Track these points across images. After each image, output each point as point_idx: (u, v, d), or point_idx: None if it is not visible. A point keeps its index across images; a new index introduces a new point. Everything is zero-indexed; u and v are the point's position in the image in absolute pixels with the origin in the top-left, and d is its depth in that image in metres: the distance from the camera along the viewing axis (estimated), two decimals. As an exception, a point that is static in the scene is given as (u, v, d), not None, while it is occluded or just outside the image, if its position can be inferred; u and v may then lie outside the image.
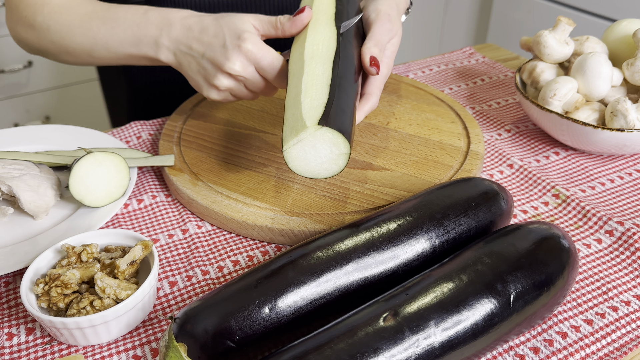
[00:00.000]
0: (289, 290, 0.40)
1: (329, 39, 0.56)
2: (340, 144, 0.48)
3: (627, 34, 0.71)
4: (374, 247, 0.44)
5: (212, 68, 0.57)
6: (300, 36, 0.58)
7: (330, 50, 0.55)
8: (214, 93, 0.59)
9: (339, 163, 0.49)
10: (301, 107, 0.49)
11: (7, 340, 0.45)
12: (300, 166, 0.49)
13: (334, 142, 0.48)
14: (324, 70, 0.53)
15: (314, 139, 0.48)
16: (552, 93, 0.65)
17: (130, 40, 0.61)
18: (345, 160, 0.49)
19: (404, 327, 0.37)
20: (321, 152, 0.48)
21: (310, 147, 0.48)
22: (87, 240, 0.49)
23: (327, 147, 0.48)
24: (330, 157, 0.48)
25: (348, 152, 0.48)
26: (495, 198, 0.49)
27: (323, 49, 0.55)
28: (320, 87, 0.51)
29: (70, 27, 0.63)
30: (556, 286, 0.43)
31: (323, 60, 0.54)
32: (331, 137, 0.47)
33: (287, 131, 0.49)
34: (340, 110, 0.50)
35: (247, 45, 0.55)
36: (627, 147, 0.63)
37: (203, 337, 0.39)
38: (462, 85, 0.84)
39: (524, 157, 0.67)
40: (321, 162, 0.49)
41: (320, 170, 0.49)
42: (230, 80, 0.58)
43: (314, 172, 0.49)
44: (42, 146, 0.66)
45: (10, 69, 1.62)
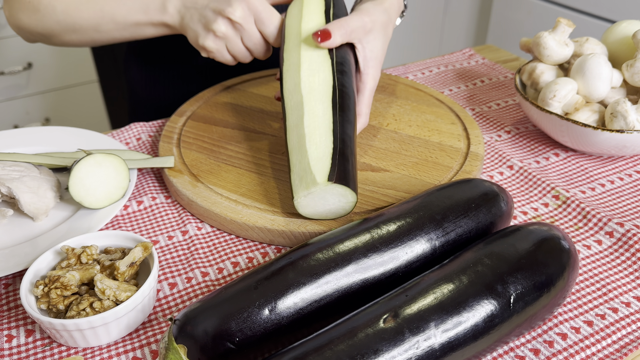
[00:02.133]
0: (289, 292, 0.40)
1: (324, 70, 0.57)
2: (347, 195, 0.50)
3: (627, 35, 0.71)
4: (374, 248, 0.43)
5: (212, 14, 0.59)
6: (293, 57, 0.58)
7: (327, 84, 0.56)
8: (210, 40, 0.60)
9: (346, 209, 0.52)
10: (307, 156, 0.52)
11: (6, 342, 0.45)
12: (309, 212, 0.52)
13: (342, 194, 0.50)
14: (324, 111, 0.54)
15: (323, 192, 0.50)
16: (551, 94, 0.65)
17: (137, 7, 0.63)
18: (351, 207, 0.52)
19: (404, 329, 0.37)
20: (330, 201, 0.51)
21: (320, 198, 0.51)
22: (87, 242, 0.49)
23: (336, 198, 0.51)
24: (338, 205, 0.51)
25: (355, 201, 0.51)
26: (495, 199, 0.49)
27: (320, 82, 0.56)
28: (324, 133, 0.53)
29: (77, 3, 0.65)
30: (556, 287, 0.43)
31: (322, 97, 0.55)
32: (340, 191, 0.50)
33: (296, 181, 0.51)
34: (345, 160, 0.52)
35: None
36: (627, 148, 0.63)
37: (203, 339, 0.38)
38: (461, 86, 0.84)
39: (524, 159, 0.67)
40: (329, 209, 0.52)
41: (328, 214, 0.52)
42: (228, 27, 0.59)
43: (322, 215, 0.52)
44: (42, 148, 0.66)
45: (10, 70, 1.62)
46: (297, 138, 0.54)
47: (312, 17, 0.61)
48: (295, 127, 0.54)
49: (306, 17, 0.60)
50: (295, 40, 0.59)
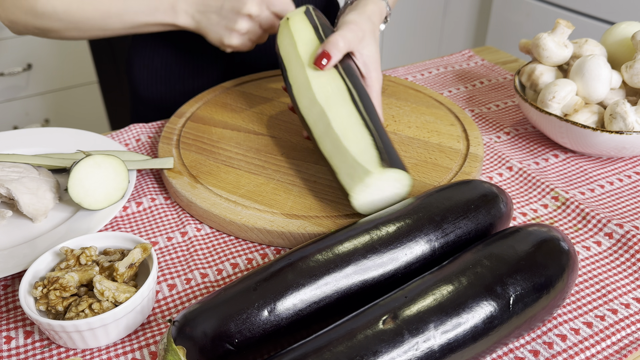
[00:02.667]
0: (288, 293, 0.40)
1: (334, 78, 0.58)
2: (403, 179, 0.51)
3: (626, 37, 0.71)
4: (373, 249, 0.43)
5: (232, 14, 0.63)
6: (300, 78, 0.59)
7: (341, 89, 0.57)
8: (235, 38, 0.65)
9: (401, 194, 0.52)
10: (350, 153, 0.52)
11: (5, 343, 0.45)
12: (368, 208, 0.52)
13: (397, 179, 0.50)
14: (349, 111, 0.55)
15: (379, 181, 0.50)
16: (551, 95, 0.65)
17: (145, 9, 0.65)
18: (407, 191, 0.52)
19: (403, 330, 0.37)
20: (386, 189, 0.51)
21: (376, 188, 0.51)
22: (86, 243, 0.49)
23: (392, 184, 0.51)
24: (394, 192, 0.51)
25: (410, 184, 0.51)
26: (495, 200, 0.49)
27: (335, 89, 0.57)
28: (357, 129, 0.53)
29: (80, 4, 0.65)
30: (556, 289, 0.43)
31: (341, 101, 0.56)
32: (395, 175, 0.50)
33: (346, 180, 0.51)
34: (388, 146, 0.52)
35: None
36: (626, 149, 0.63)
37: (202, 340, 0.38)
38: (461, 87, 0.84)
39: (523, 160, 0.67)
40: (386, 198, 0.52)
41: (385, 204, 0.52)
42: (248, 22, 0.64)
43: (377, 205, 0.52)
44: (41, 149, 0.66)
45: (10, 72, 1.62)
46: (332, 143, 0.54)
47: (305, 38, 0.61)
48: (326, 135, 0.55)
49: (299, 41, 0.61)
50: (297, 64, 0.60)
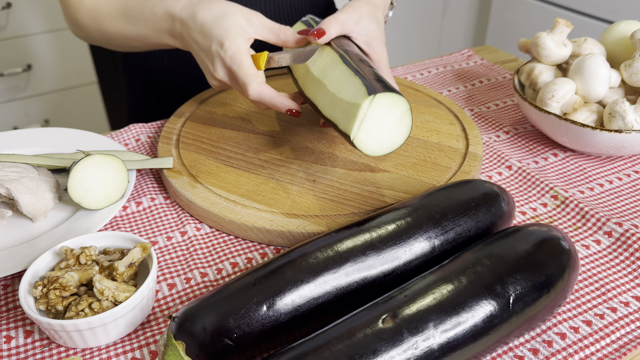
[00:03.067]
0: (287, 289, 0.40)
1: (329, 54, 0.58)
2: (397, 102, 0.49)
3: (625, 36, 0.71)
4: (372, 247, 0.44)
5: (208, 65, 0.61)
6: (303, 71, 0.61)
7: (335, 58, 0.57)
8: (213, 83, 0.63)
9: (406, 122, 0.50)
10: (344, 100, 0.51)
11: (5, 342, 0.45)
12: (374, 146, 0.50)
13: (391, 104, 0.49)
14: (342, 70, 0.55)
15: (373, 112, 0.48)
16: (550, 94, 0.65)
17: (152, 34, 0.66)
18: (409, 117, 0.49)
19: (402, 329, 0.37)
20: (385, 121, 0.49)
21: (373, 120, 0.49)
22: (86, 243, 0.49)
23: (388, 112, 0.48)
24: (394, 120, 0.49)
25: (408, 107, 0.49)
26: (496, 199, 0.49)
27: (328, 61, 0.57)
28: (348, 79, 0.53)
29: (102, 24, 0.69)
30: (556, 288, 0.43)
31: (335, 66, 0.56)
32: (386, 100, 0.48)
33: (343, 124, 0.51)
34: (378, 78, 0.51)
35: (226, 49, 0.58)
36: (625, 148, 0.63)
37: (201, 335, 0.39)
38: (460, 87, 0.84)
39: (523, 159, 0.67)
40: (389, 131, 0.50)
41: (393, 139, 0.50)
42: (216, 81, 0.62)
43: (388, 145, 0.50)
44: (41, 149, 0.66)
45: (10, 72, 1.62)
46: (329, 100, 0.54)
47: None
48: (325, 98, 0.55)
49: None
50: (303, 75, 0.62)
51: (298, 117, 0.60)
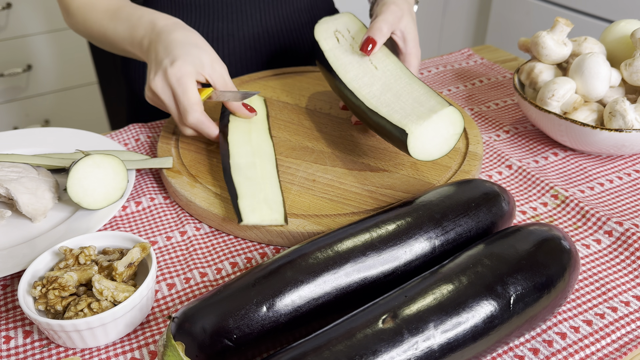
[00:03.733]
0: (287, 290, 0.40)
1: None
2: (457, 122, 0.54)
3: (625, 35, 0.71)
4: (372, 247, 0.43)
5: (150, 74, 0.61)
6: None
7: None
8: (147, 95, 0.62)
9: (450, 143, 0.55)
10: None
11: (4, 343, 0.45)
12: (418, 147, 0.54)
13: (455, 121, 0.54)
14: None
15: (440, 118, 0.53)
16: (550, 94, 0.65)
17: (127, 38, 0.66)
18: (456, 141, 0.55)
19: (403, 329, 0.37)
20: (440, 132, 0.54)
21: (434, 125, 0.54)
22: (85, 243, 0.49)
23: (447, 125, 0.54)
24: (445, 136, 0.54)
25: (461, 132, 0.54)
26: (496, 199, 0.49)
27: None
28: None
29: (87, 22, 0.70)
30: (557, 288, 0.43)
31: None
32: (454, 116, 0.54)
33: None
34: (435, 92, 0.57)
35: (174, 68, 0.58)
36: (625, 147, 0.63)
37: (201, 336, 0.38)
38: (460, 86, 0.84)
39: (523, 158, 0.67)
40: (435, 142, 0.54)
41: (433, 150, 0.55)
42: (153, 96, 0.61)
43: (427, 153, 0.55)
44: (40, 149, 0.66)
45: (10, 72, 1.62)
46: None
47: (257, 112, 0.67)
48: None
49: None
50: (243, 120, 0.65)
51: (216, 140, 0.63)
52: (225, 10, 0.81)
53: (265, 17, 0.84)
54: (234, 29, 0.83)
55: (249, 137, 0.62)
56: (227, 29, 0.82)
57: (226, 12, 0.82)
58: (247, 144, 0.61)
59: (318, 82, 0.79)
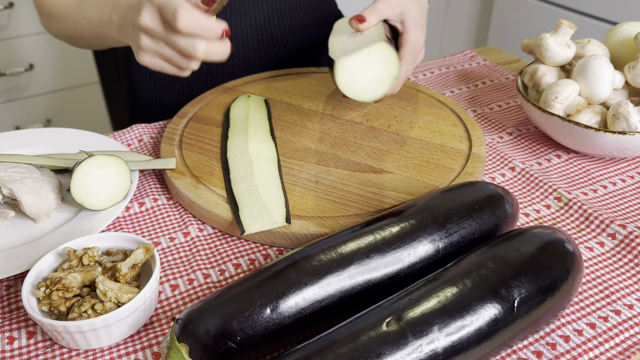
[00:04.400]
0: (290, 292, 0.40)
1: None
2: (392, 64, 0.51)
3: (629, 37, 0.71)
4: (376, 249, 0.43)
5: (134, 29, 0.54)
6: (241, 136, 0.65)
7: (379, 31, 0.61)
8: (141, 56, 0.55)
9: (384, 86, 0.52)
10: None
11: (8, 344, 0.45)
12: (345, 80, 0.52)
13: (389, 61, 0.51)
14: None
15: (371, 53, 0.51)
16: (553, 96, 0.65)
17: (96, 20, 0.62)
18: (390, 84, 0.52)
19: (407, 332, 0.37)
20: (373, 70, 0.51)
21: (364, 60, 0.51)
22: (89, 244, 0.49)
23: (380, 65, 0.51)
24: (378, 76, 0.51)
25: (396, 76, 0.51)
26: (500, 202, 0.49)
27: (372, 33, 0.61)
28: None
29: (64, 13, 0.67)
30: (561, 291, 0.43)
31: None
32: (388, 54, 0.51)
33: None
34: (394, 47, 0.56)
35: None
36: (629, 150, 0.63)
37: (205, 338, 0.38)
38: (463, 88, 0.84)
39: (526, 160, 0.67)
40: (367, 82, 0.52)
41: (363, 90, 0.52)
42: (147, 38, 0.53)
43: (355, 90, 0.52)
44: (44, 149, 0.66)
45: (12, 72, 1.62)
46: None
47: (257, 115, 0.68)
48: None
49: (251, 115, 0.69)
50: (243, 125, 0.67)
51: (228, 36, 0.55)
52: (229, 13, 0.81)
53: (268, 19, 0.84)
54: (238, 30, 0.83)
55: (247, 148, 0.62)
56: (231, 31, 0.82)
57: (230, 14, 0.82)
58: (245, 155, 0.61)
59: (321, 84, 0.79)
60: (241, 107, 0.71)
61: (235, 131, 0.66)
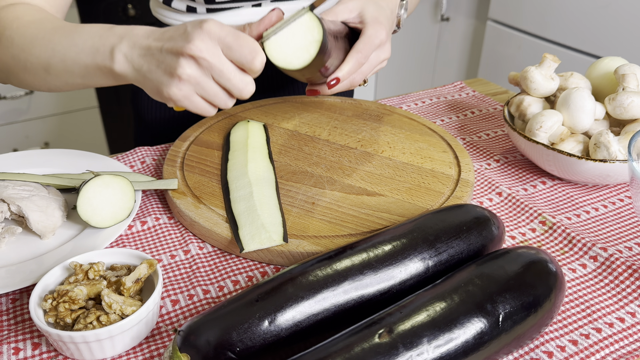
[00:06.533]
0: (288, 306, 0.42)
1: None
2: (315, 29, 0.54)
3: (609, 71, 0.75)
4: (369, 266, 0.46)
5: (172, 57, 0.51)
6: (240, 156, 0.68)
7: None
8: (174, 87, 0.52)
9: (311, 51, 0.54)
10: None
11: (14, 354, 0.46)
12: (275, 51, 0.54)
13: (310, 28, 0.54)
14: None
15: (293, 23, 0.54)
16: (538, 125, 0.68)
17: (88, 49, 0.57)
18: (316, 48, 0.54)
19: (398, 344, 0.39)
20: (297, 37, 0.54)
21: (288, 31, 0.54)
22: (94, 259, 0.51)
23: (305, 32, 0.54)
24: (304, 42, 0.54)
25: (320, 39, 0.54)
26: (487, 223, 0.52)
27: None
28: None
29: (33, 40, 0.60)
30: (543, 308, 0.45)
31: None
32: (312, 22, 0.54)
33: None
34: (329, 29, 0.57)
35: (209, 25, 0.50)
36: (610, 177, 0.66)
37: (205, 348, 0.40)
38: (453, 117, 0.88)
39: (512, 186, 0.70)
40: (295, 49, 0.54)
41: (292, 57, 0.54)
42: (193, 67, 0.51)
43: (286, 58, 0.54)
44: (49, 169, 0.68)
45: (12, 95, 1.65)
46: None
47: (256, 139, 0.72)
48: None
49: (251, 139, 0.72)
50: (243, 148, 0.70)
51: None
52: None
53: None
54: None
55: (246, 170, 0.65)
56: None
57: None
58: (245, 176, 0.64)
59: (317, 110, 0.82)
60: (241, 132, 0.74)
61: (235, 154, 0.69)
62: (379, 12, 0.67)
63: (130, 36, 0.55)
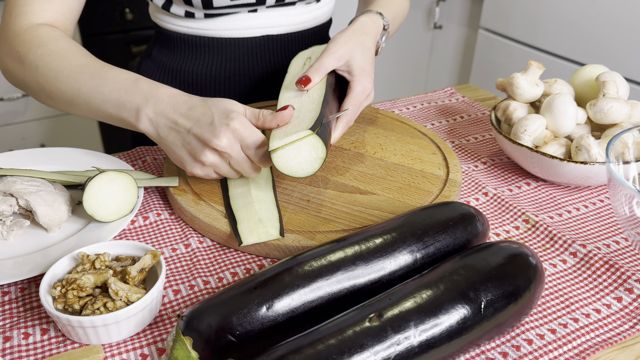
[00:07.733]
0: (284, 293, 0.45)
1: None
2: (319, 149, 0.58)
3: (591, 78, 0.78)
4: (361, 258, 0.49)
5: (198, 143, 0.59)
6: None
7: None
8: (197, 168, 0.61)
9: (315, 165, 0.59)
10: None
11: (23, 339, 0.49)
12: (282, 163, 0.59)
13: (315, 147, 0.58)
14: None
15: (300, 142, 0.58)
16: (523, 129, 0.72)
17: (113, 101, 0.62)
18: (320, 164, 0.59)
19: (387, 327, 0.42)
20: (302, 154, 0.59)
21: (295, 148, 0.58)
22: (100, 250, 0.53)
23: (310, 149, 0.58)
24: (309, 158, 0.59)
25: (324, 158, 0.59)
26: (472, 220, 0.55)
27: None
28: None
29: (58, 74, 0.64)
30: (523, 298, 0.48)
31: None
32: (314, 142, 0.58)
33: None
34: (324, 128, 0.61)
35: (234, 124, 0.57)
36: (591, 178, 0.70)
37: (207, 332, 0.43)
38: (443, 121, 0.91)
39: (498, 187, 0.73)
40: (300, 162, 0.59)
41: (298, 170, 0.59)
42: (215, 156, 0.59)
43: (292, 169, 0.59)
44: (53, 166, 0.71)
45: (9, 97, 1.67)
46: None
47: None
48: None
49: None
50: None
51: None
52: (237, 52, 0.88)
53: (273, 57, 0.90)
54: (245, 69, 0.89)
55: None
56: (238, 69, 0.89)
57: (238, 53, 0.88)
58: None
59: (312, 113, 0.85)
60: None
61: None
62: (365, 58, 0.70)
63: (156, 101, 0.61)
